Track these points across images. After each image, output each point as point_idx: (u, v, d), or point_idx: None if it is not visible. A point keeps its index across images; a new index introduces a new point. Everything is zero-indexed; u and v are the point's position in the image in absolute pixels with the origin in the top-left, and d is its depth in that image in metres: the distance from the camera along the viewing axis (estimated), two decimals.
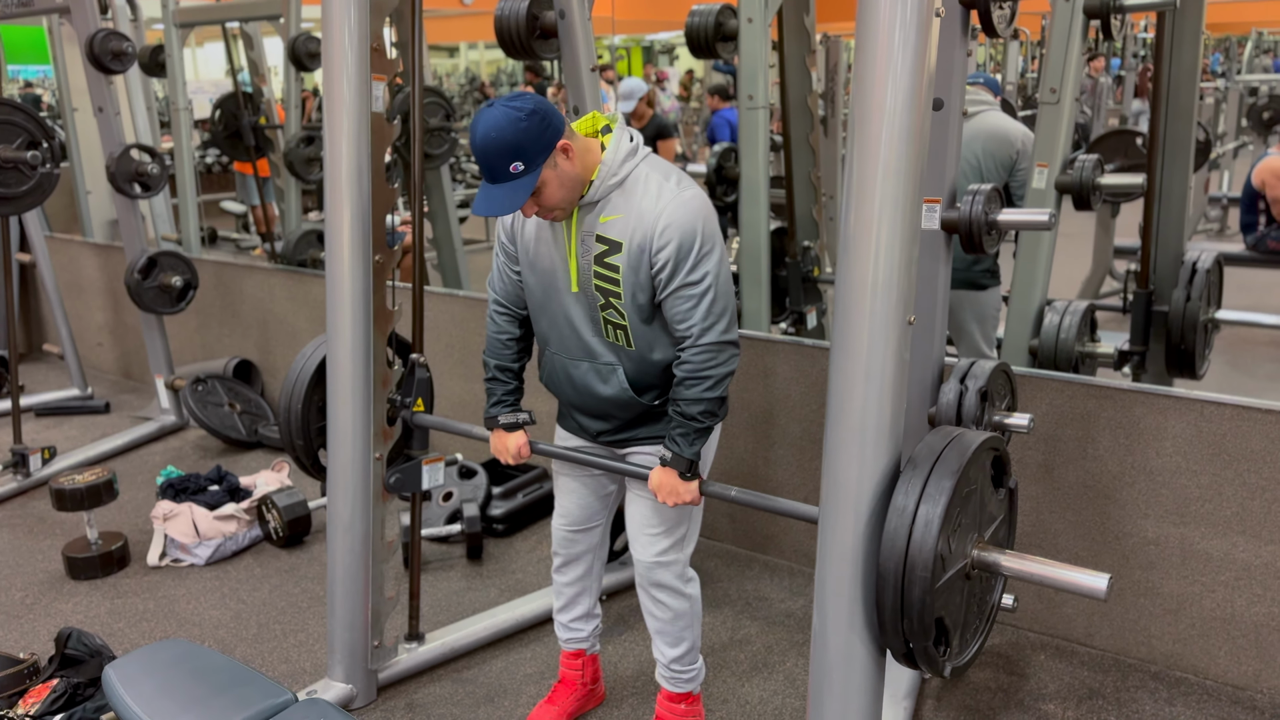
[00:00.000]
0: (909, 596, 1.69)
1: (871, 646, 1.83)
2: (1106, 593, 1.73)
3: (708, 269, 2.04)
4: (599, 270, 2.08)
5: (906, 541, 1.69)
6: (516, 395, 2.37)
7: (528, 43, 2.81)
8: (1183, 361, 3.34)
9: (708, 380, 2.06)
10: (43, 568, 3.51)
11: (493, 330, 2.34)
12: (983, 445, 1.80)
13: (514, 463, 2.35)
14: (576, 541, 2.45)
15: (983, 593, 1.95)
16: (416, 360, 2.66)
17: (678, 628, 2.35)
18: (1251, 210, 5.91)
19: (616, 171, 2.06)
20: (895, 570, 1.70)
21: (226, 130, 6.01)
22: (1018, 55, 10.58)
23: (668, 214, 2.01)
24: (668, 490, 2.11)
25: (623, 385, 2.16)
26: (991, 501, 1.91)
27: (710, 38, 3.68)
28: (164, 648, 2.09)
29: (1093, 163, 3.15)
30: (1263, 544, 2.58)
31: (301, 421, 2.72)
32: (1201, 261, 3.31)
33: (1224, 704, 2.61)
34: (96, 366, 5.80)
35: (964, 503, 1.77)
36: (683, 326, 2.06)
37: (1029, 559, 1.83)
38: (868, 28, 1.69)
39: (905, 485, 1.72)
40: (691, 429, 2.08)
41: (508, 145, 1.94)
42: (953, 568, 1.76)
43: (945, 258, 2.24)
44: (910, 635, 1.73)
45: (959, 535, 1.78)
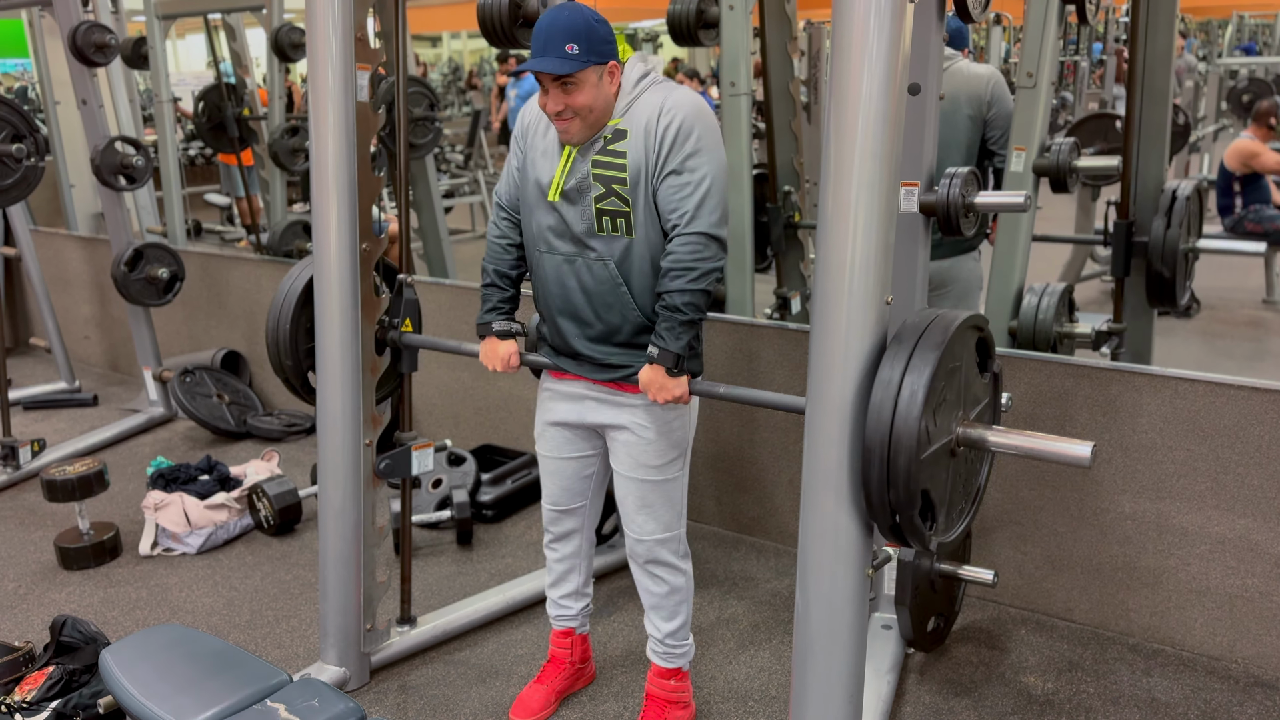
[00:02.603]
0: (895, 467, 1.71)
1: (859, 525, 1.84)
2: (1090, 459, 1.76)
3: (704, 162, 2.09)
4: (599, 159, 2.11)
5: (892, 412, 1.70)
6: (511, 304, 2.38)
7: (510, 31, 2.82)
8: (1164, 292, 3.36)
9: (693, 271, 2.08)
10: (35, 558, 3.53)
11: (494, 235, 2.37)
12: (966, 323, 1.82)
13: (501, 369, 2.35)
14: (562, 520, 2.49)
15: (968, 473, 1.97)
16: (404, 280, 2.67)
17: (673, 602, 2.40)
18: (1227, 193, 5.99)
19: (632, 91, 2.13)
20: (881, 441, 1.71)
21: (210, 122, 6.00)
22: (1000, 40, 10.62)
23: (673, 101, 2.09)
24: (656, 387, 2.12)
25: (613, 275, 2.16)
26: (976, 383, 1.93)
27: (692, 25, 3.71)
28: (159, 632, 2.12)
29: (1069, 145, 3.19)
30: (1236, 517, 2.64)
31: (290, 342, 2.73)
32: (1181, 190, 3.33)
33: (1200, 674, 2.68)
34: (84, 359, 5.80)
35: (949, 378, 1.79)
36: (674, 214, 2.10)
37: (1014, 432, 1.86)
38: (844, 14, 1.73)
39: (890, 359, 1.74)
40: (676, 321, 2.09)
41: (576, 28, 2.02)
42: (938, 441, 1.78)
43: (924, 240, 2.28)
44: (897, 506, 1.74)
45: (944, 410, 1.80)
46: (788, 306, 4.40)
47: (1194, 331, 5.43)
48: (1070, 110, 9.80)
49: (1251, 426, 2.57)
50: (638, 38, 15.95)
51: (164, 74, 5.51)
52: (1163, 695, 2.60)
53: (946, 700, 2.61)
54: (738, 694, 2.67)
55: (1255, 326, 5.75)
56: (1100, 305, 5.84)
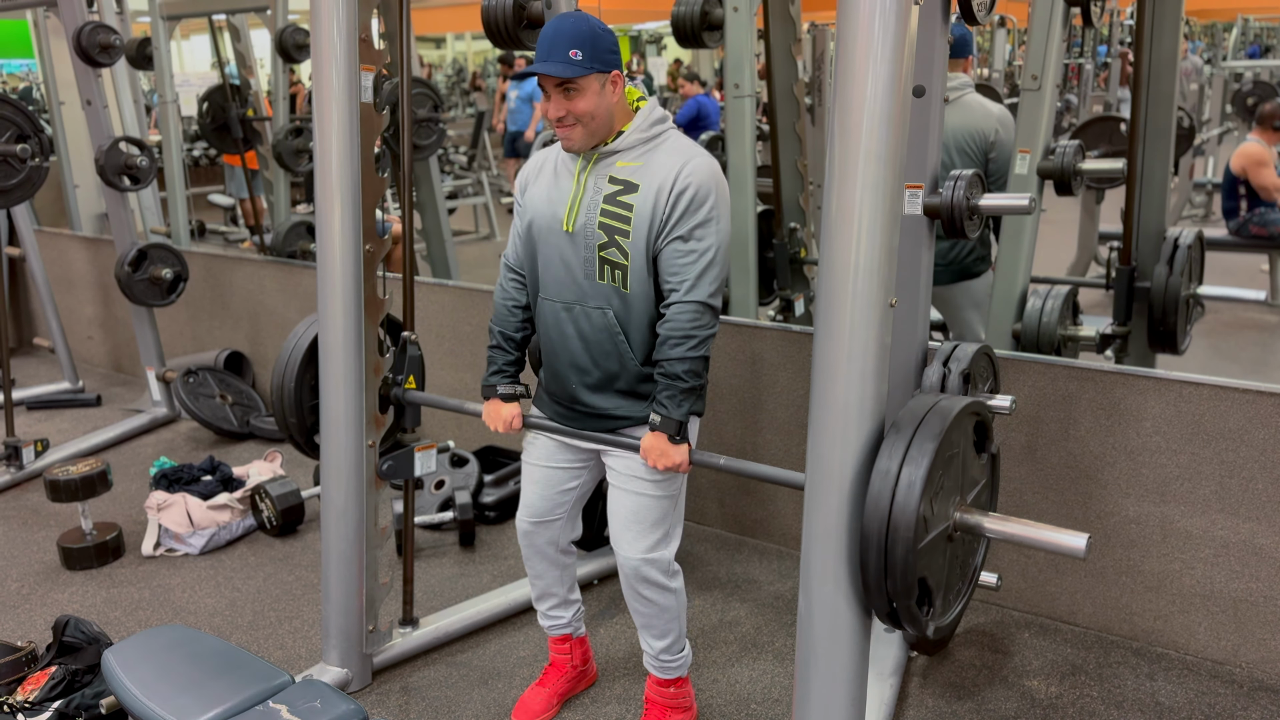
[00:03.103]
0: (892, 556, 1.73)
1: (857, 609, 1.86)
2: (1085, 551, 1.77)
3: (712, 233, 2.10)
4: (608, 209, 2.12)
5: (890, 503, 1.72)
6: (517, 367, 2.39)
7: (514, 33, 2.82)
8: (1164, 337, 3.38)
9: (692, 340, 2.09)
10: (38, 558, 3.53)
11: (501, 298, 2.37)
12: (965, 410, 1.83)
13: (504, 431, 2.37)
14: (537, 533, 2.45)
15: (965, 555, 1.99)
16: (408, 338, 2.69)
17: (663, 621, 2.37)
18: (1232, 196, 5.97)
19: (647, 130, 2.14)
20: (879, 531, 1.73)
21: (214, 123, 6.00)
22: (1005, 43, 10.62)
23: (692, 166, 2.09)
24: (657, 454, 2.13)
25: (610, 324, 2.17)
26: (974, 466, 1.95)
27: (696, 27, 3.71)
28: (162, 633, 2.12)
29: (1074, 148, 3.19)
30: (1240, 521, 2.63)
31: (295, 400, 2.75)
32: (1183, 238, 3.35)
33: (1203, 678, 2.67)
34: (87, 360, 5.81)
35: (946, 465, 1.81)
36: (674, 279, 2.10)
37: (1010, 520, 1.87)
38: (848, 16, 1.73)
39: (889, 448, 1.76)
40: (677, 389, 2.10)
41: (580, 35, 2.03)
42: (935, 529, 1.80)
43: (928, 242, 2.28)
44: (894, 595, 1.76)
45: (941, 498, 1.82)
46: (791, 308, 4.40)
47: (1198, 334, 5.40)
48: (1075, 113, 9.80)
49: (1256, 430, 2.57)
50: (642, 39, 15.96)
51: (168, 75, 5.52)
52: (1166, 699, 2.59)
53: (949, 704, 2.60)
54: (740, 697, 2.66)
55: (1259, 330, 5.74)
56: (1104, 308, 5.83)
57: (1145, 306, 3.38)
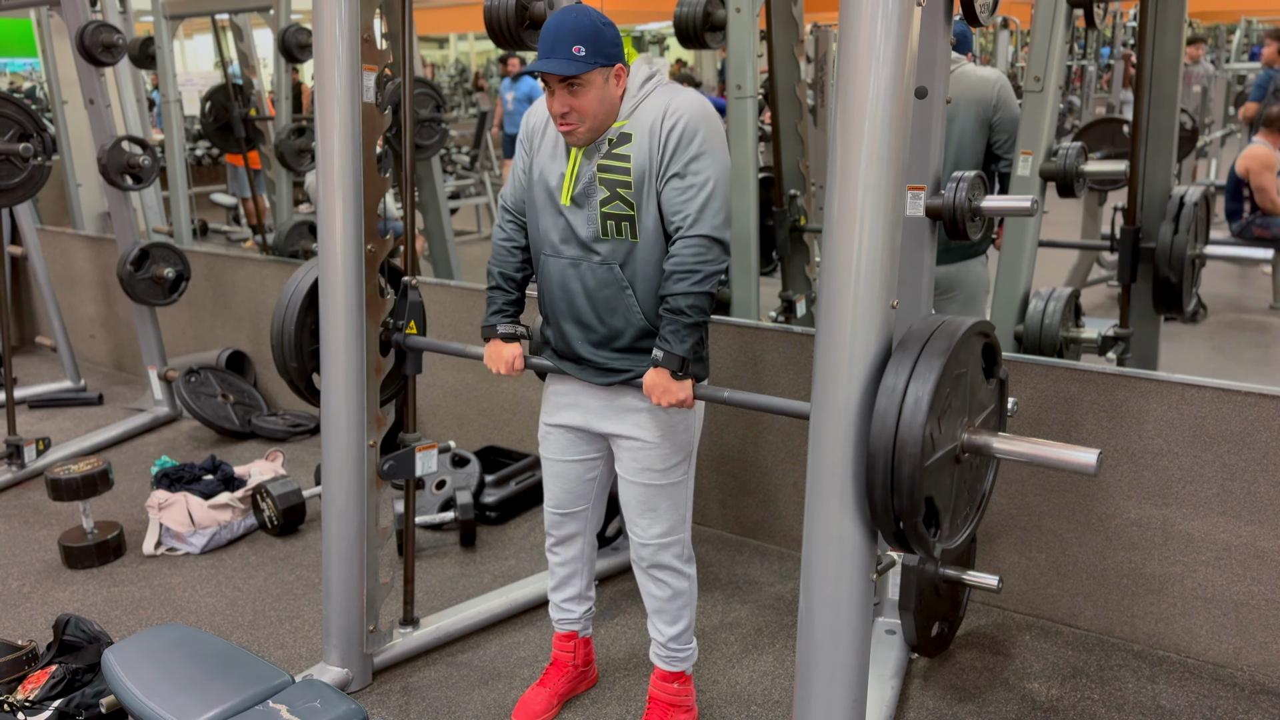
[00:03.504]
0: (899, 474, 1.70)
1: (863, 530, 1.83)
2: (1096, 467, 1.75)
3: (707, 165, 2.09)
4: (605, 163, 2.12)
5: (896, 420, 1.70)
6: (517, 307, 2.38)
7: (517, 33, 2.82)
8: (1170, 298, 3.35)
9: (696, 274, 2.08)
10: (39, 557, 3.53)
11: (499, 238, 2.37)
12: (971, 329, 1.81)
13: (506, 372, 2.35)
14: (565, 524, 2.49)
15: (973, 480, 1.96)
16: (408, 283, 2.67)
17: (676, 605, 2.39)
18: (1236, 198, 5.97)
19: (637, 92, 2.14)
20: (885, 449, 1.71)
21: (217, 122, 6.01)
22: (1008, 44, 10.61)
23: (677, 103, 2.09)
24: (660, 390, 2.11)
25: (617, 278, 2.16)
26: (982, 390, 1.93)
27: (699, 28, 3.71)
28: (162, 632, 2.12)
29: (1076, 150, 3.19)
30: (1242, 524, 2.63)
31: (295, 344, 2.74)
32: (1189, 195, 3.32)
33: (1205, 681, 2.66)
34: (89, 359, 5.81)
35: (954, 384, 1.78)
36: (677, 217, 2.10)
37: (1019, 439, 1.85)
38: (851, 17, 1.72)
39: (895, 365, 1.73)
40: (681, 324, 2.09)
41: (583, 30, 2.03)
42: (943, 448, 1.77)
43: (930, 244, 2.28)
44: (901, 513, 1.73)
45: (949, 417, 1.79)
46: (793, 309, 4.40)
47: (1200, 337, 5.41)
48: (1077, 115, 9.79)
49: (1258, 432, 2.56)
50: (644, 40, 15.96)
51: (171, 74, 5.52)
52: (1168, 702, 2.58)
53: (950, 706, 2.60)
54: (741, 698, 2.66)
55: (1262, 332, 5.73)
56: (1106, 310, 5.83)
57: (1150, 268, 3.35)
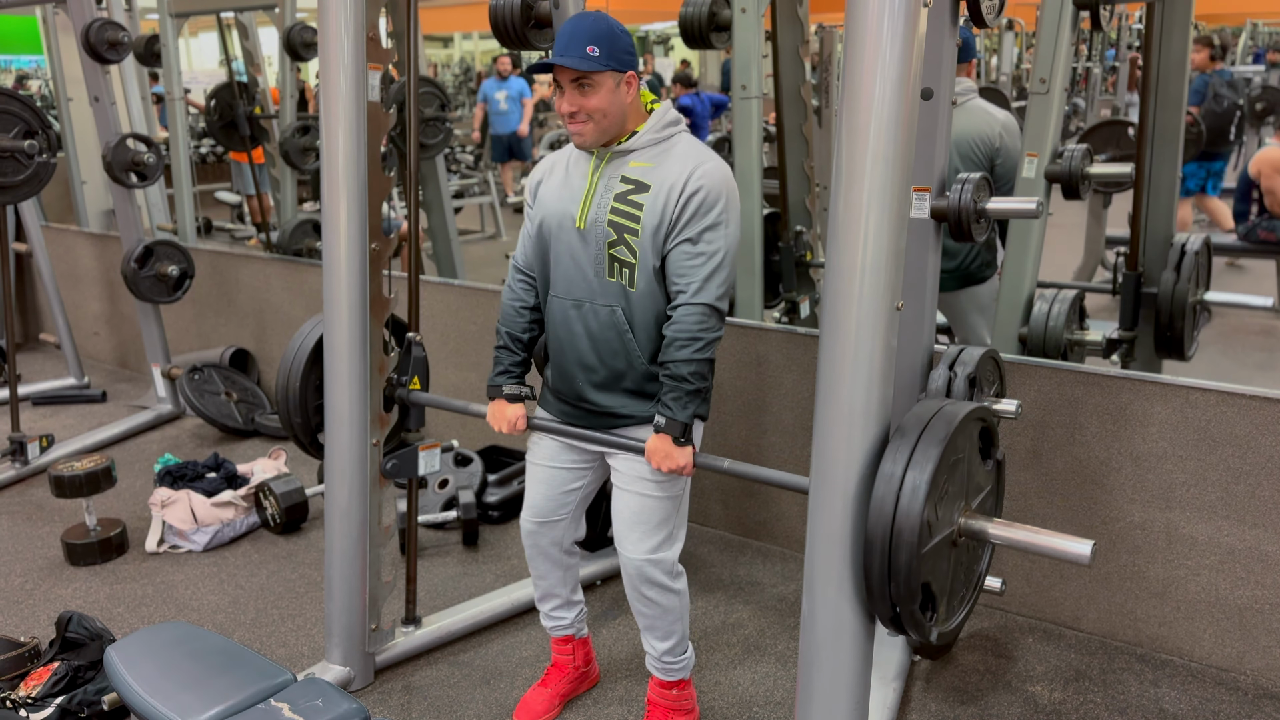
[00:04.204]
0: (896, 561, 1.72)
1: (860, 613, 1.86)
2: (1090, 558, 1.76)
3: (721, 237, 2.10)
4: (618, 206, 2.12)
5: (894, 507, 1.72)
6: (523, 368, 2.39)
7: (522, 32, 2.82)
8: (1171, 344, 3.37)
9: (698, 342, 2.09)
10: (42, 554, 3.54)
11: (509, 298, 2.37)
12: (970, 415, 1.83)
13: (508, 432, 2.37)
14: (541, 533, 2.45)
15: (970, 561, 1.98)
16: (413, 339, 2.69)
17: (667, 622, 2.37)
18: (1245, 199, 5.95)
19: (660, 132, 2.15)
20: (882, 535, 1.73)
21: (222, 120, 6.02)
22: (1013, 46, 10.60)
23: (705, 169, 2.10)
24: (661, 456, 2.13)
25: (619, 322, 2.17)
26: (979, 472, 1.95)
27: (704, 28, 3.71)
28: (164, 630, 2.12)
29: (1081, 152, 3.18)
30: (1247, 528, 2.62)
31: (300, 400, 2.75)
32: (1190, 244, 3.34)
33: (1208, 685, 2.66)
34: (93, 356, 5.82)
35: (951, 470, 1.80)
36: (682, 280, 2.11)
37: (1015, 526, 1.86)
38: (857, 18, 1.72)
39: (893, 452, 1.76)
40: (683, 391, 2.10)
41: (599, 32, 2.05)
42: (939, 534, 1.79)
43: (934, 245, 2.27)
44: (897, 600, 1.75)
45: (946, 503, 1.81)
46: (796, 310, 4.40)
47: (1204, 340, 5.38)
48: (1082, 117, 9.78)
49: (1262, 436, 2.56)
50: (649, 40, 15.97)
51: (176, 72, 5.52)
52: (1170, 706, 2.58)
53: (952, 708, 2.59)
54: (742, 700, 2.66)
55: (1266, 335, 5.72)
56: (1110, 313, 5.81)
57: (1152, 313, 3.37)
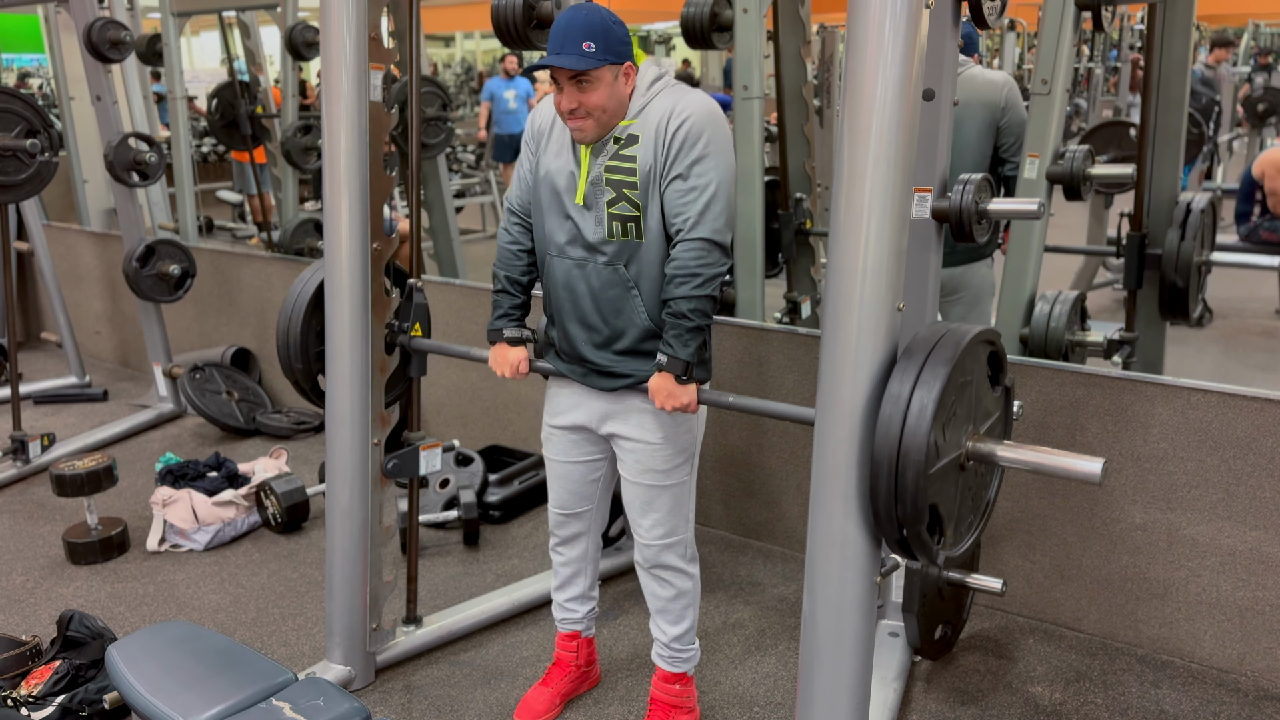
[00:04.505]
0: (903, 481, 1.70)
1: (867, 539, 1.83)
2: (1101, 476, 1.75)
3: (711, 168, 2.09)
4: (612, 164, 2.12)
5: (901, 427, 1.70)
6: (523, 310, 2.38)
7: (524, 32, 2.82)
8: (1176, 304, 3.35)
9: (698, 278, 2.08)
10: (43, 552, 3.54)
11: (505, 241, 2.37)
12: (977, 337, 1.81)
13: (510, 375, 2.35)
14: (568, 524, 2.49)
15: (978, 487, 1.96)
16: (414, 285, 2.67)
17: (680, 605, 2.39)
18: (1248, 200, 5.93)
19: (645, 93, 2.14)
20: (889, 456, 1.71)
21: (223, 119, 6.02)
22: (1014, 47, 10.58)
23: (683, 104, 2.10)
24: (665, 394, 2.12)
25: (623, 278, 2.16)
26: (987, 397, 1.93)
27: (705, 28, 3.71)
28: (166, 629, 2.12)
29: (1083, 153, 3.18)
30: (1248, 529, 2.62)
31: (300, 345, 2.73)
32: (1196, 202, 3.32)
33: (1209, 686, 2.66)
34: (94, 355, 5.82)
35: (959, 392, 1.78)
36: (678, 219, 2.10)
37: (1024, 447, 1.85)
38: (859, 18, 1.72)
39: (900, 373, 1.74)
40: (684, 328, 2.09)
41: (594, 27, 2.04)
42: (947, 456, 1.78)
43: (936, 246, 2.27)
44: (904, 521, 1.74)
45: (954, 425, 1.79)
46: (798, 310, 4.39)
47: (1206, 341, 5.40)
48: (1084, 117, 9.76)
49: (1264, 438, 2.56)
50: (650, 40, 15.96)
51: (178, 71, 5.53)
52: (1171, 707, 2.58)
53: (953, 709, 2.59)
54: (743, 699, 2.66)
55: (1268, 337, 5.71)
56: (1112, 314, 5.81)
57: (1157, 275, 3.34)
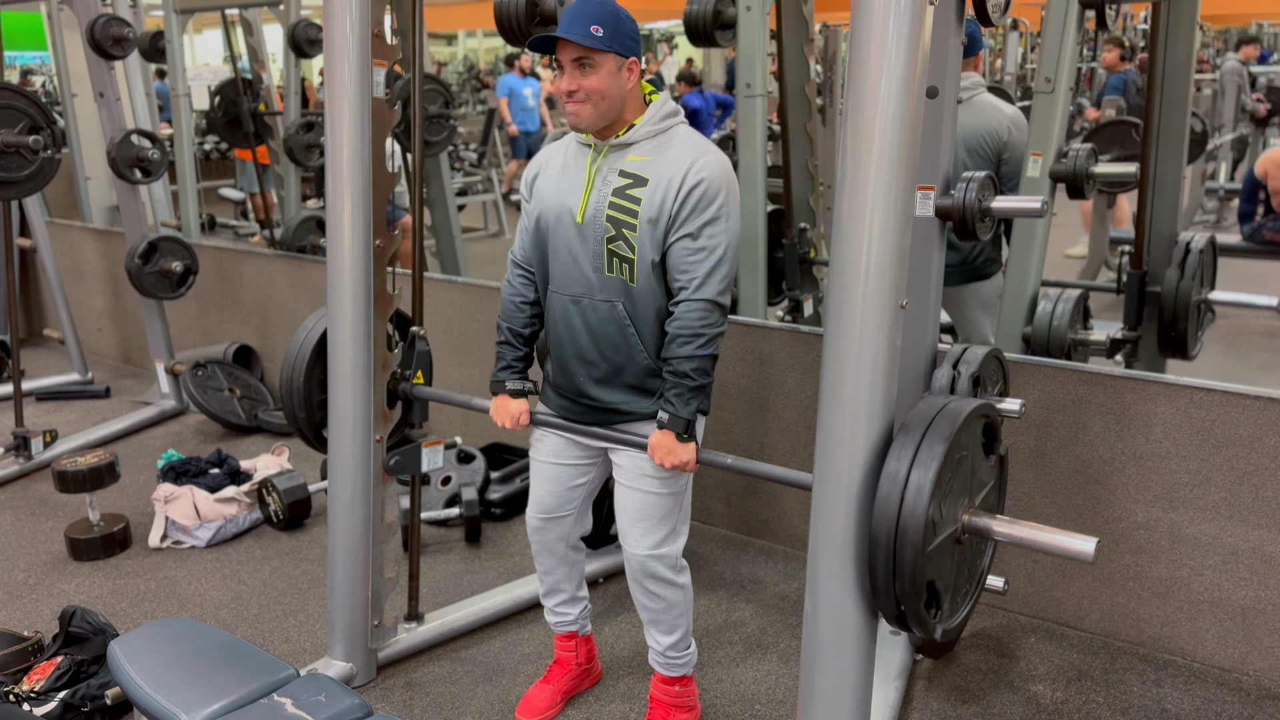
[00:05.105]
0: (900, 560, 1.72)
1: (864, 611, 1.86)
2: (1094, 555, 1.77)
3: (722, 231, 2.09)
4: (616, 201, 2.11)
5: (899, 506, 1.72)
6: (525, 363, 2.39)
7: (527, 29, 2.82)
8: (1175, 343, 3.36)
9: (701, 338, 2.09)
10: (45, 549, 3.54)
11: (509, 294, 2.37)
12: (974, 412, 1.83)
13: (511, 427, 2.36)
14: (547, 529, 2.46)
15: (973, 557, 1.98)
16: (416, 333, 2.69)
17: (671, 617, 2.38)
18: (1251, 200, 5.93)
19: (658, 124, 2.14)
20: (887, 534, 1.73)
21: (226, 117, 6.02)
22: (1017, 46, 10.57)
23: (702, 163, 2.09)
24: (665, 451, 2.13)
25: (620, 317, 2.16)
26: (982, 468, 1.95)
27: (709, 26, 3.70)
28: (168, 625, 2.12)
29: (1086, 151, 3.17)
30: (1250, 528, 2.62)
31: (304, 394, 2.74)
32: (1195, 242, 3.33)
33: (1210, 685, 2.66)
34: (97, 351, 5.83)
35: (955, 468, 1.80)
36: (684, 277, 2.10)
37: (1019, 524, 1.86)
38: (863, 16, 1.72)
39: (898, 451, 1.75)
40: (685, 387, 2.10)
41: (604, 14, 2.04)
42: (944, 532, 1.80)
43: (939, 244, 2.27)
44: (902, 598, 1.76)
45: (950, 500, 1.81)
46: (800, 309, 4.39)
47: (1208, 341, 5.38)
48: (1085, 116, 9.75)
49: (1267, 437, 2.55)
50: (653, 38, 15.95)
51: (181, 68, 5.53)
52: (1173, 706, 2.58)
53: (954, 707, 2.59)
54: (744, 698, 2.66)
55: (1271, 336, 5.70)
56: (1115, 313, 5.80)
57: (1156, 311, 3.36)
